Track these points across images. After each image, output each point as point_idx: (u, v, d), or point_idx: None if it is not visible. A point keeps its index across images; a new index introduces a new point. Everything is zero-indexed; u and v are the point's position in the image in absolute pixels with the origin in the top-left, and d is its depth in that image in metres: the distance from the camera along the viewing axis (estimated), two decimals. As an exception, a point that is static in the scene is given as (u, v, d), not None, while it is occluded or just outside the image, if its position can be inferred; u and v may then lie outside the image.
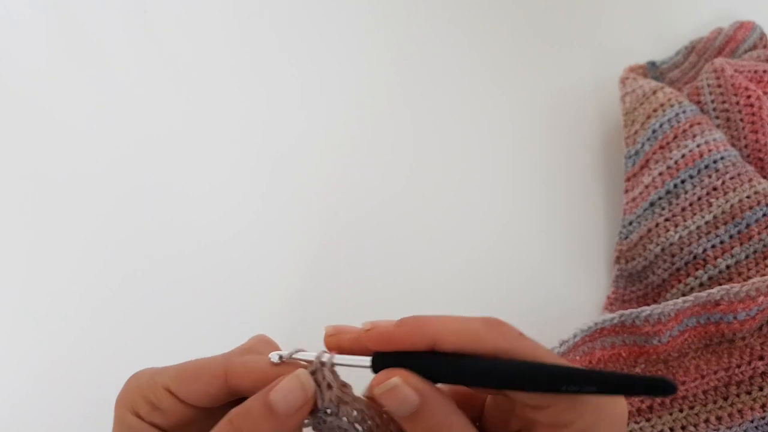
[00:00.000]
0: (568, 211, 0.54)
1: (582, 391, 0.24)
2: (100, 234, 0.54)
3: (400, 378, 0.25)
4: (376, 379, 0.26)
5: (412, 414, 0.25)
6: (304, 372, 0.27)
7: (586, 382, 0.24)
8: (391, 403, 0.26)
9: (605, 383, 0.24)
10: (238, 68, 0.62)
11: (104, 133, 0.59)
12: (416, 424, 0.26)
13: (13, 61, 0.62)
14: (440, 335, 0.26)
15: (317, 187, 0.56)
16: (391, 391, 0.25)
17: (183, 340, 0.48)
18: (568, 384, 0.24)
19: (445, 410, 0.26)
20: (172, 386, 0.28)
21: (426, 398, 0.25)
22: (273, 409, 0.26)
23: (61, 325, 0.50)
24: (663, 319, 0.39)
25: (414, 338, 0.26)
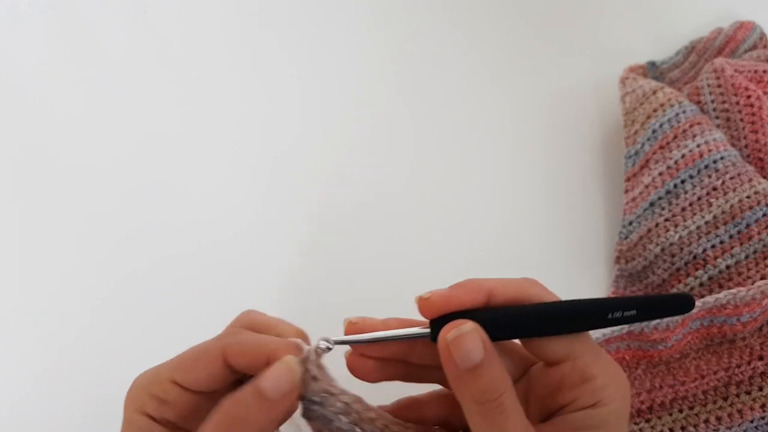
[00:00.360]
0: (568, 211, 0.54)
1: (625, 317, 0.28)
2: (99, 233, 0.54)
3: (474, 324, 0.27)
4: (447, 327, 0.27)
5: (474, 367, 0.26)
6: (292, 358, 0.28)
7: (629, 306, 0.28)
8: (458, 351, 0.26)
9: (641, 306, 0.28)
10: (238, 68, 0.62)
11: (104, 133, 0.59)
12: (477, 378, 0.26)
13: (13, 60, 0.62)
14: (494, 288, 0.28)
15: (317, 186, 0.56)
16: (463, 338, 0.26)
17: (183, 339, 0.48)
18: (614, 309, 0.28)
19: (504, 372, 0.27)
20: (176, 376, 0.29)
21: (489, 353, 0.26)
22: (263, 394, 0.27)
23: (60, 324, 0.50)
24: (671, 326, 0.39)
25: (473, 293, 0.28)
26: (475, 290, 0.28)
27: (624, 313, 0.28)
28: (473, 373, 0.26)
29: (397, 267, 0.52)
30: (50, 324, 0.50)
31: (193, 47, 0.63)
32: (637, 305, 0.28)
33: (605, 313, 0.28)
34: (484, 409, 0.26)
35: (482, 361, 0.26)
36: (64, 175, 0.57)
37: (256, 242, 0.53)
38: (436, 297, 0.28)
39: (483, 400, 0.26)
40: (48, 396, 0.48)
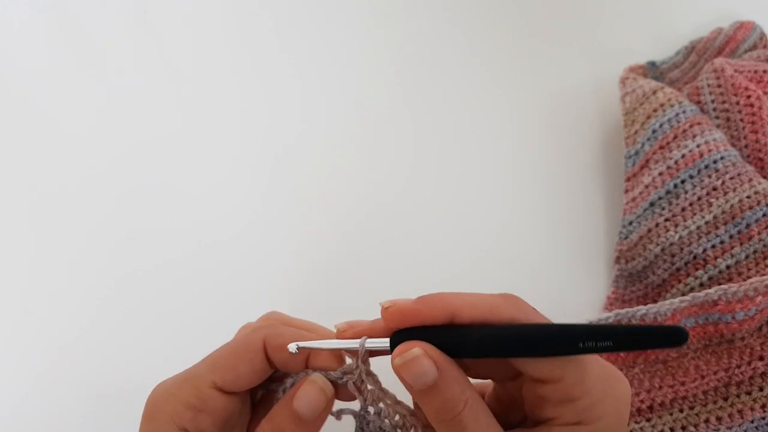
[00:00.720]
0: (568, 211, 0.54)
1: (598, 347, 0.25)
2: (100, 234, 0.54)
3: (420, 348, 0.26)
4: (396, 351, 0.26)
5: (429, 387, 0.26)
6: (320, 376, 0.28)
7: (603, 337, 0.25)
8: (409, 375, 0.26)
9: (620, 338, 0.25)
10: (238, 68, 0.62)
11: (104, 134, 0.59)
12: (432, 398, 0.26)
13: (13, 61, 0.62)
14: (459, 308, 0.26)
15: (317, 187, 0.56)
16: (411, 362, 0.26)
17: (183, 340, 0.48)
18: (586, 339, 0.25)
19: (462, 384, 0.26)
20: (217, 379, 0.28)
21: (444, 372, 0.26)
22: (300, 417, 0.27)
23: (61, 325, 0.50)
24: (659, 319, 0.39)
25: (434, 311, 0.26)
26: (438, 308, 0.26)
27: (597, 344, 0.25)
28: (427, 393, 0.26)
29: (396, 266, 0.52)
30: (51, 324, 0.50)
31: (193, 47, 0.63)
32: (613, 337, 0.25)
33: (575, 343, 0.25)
34: (444, 427, 0.26)
35: (435, 382, 0.26)
36: (64, 175, 0.57)
37: (257, 242, 0.53)
38: (395, 311, 0.27)
39: (440, 418, 0.26)
40: (48, 396, 0.48)
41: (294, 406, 0.27)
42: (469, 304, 0.26)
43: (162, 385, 0.29)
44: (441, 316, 0.26)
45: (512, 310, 0.27)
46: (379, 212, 0.54)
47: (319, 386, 0.28)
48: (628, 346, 0.26)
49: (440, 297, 0.27)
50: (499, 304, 0.27)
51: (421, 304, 0.27)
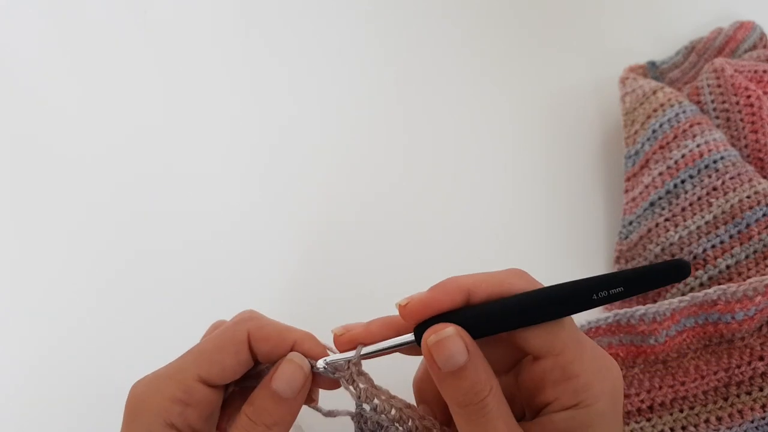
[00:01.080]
0: (568, 211, 0.54)
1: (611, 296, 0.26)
2: (94, 227, 0.54)
3: (454, 329, 0.26)
4: (429, 331, 0.26)
5: (458, 369, 0.26)
6: (297, 354, 0.28)
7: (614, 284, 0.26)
8: (441, 355, 0.26)
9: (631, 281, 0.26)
10: (237, 68, 0.62)
11: (104, 133, 0.59)
12: (461, 381, 0.26)
13: (13, 61, 0.62)
14: (473, 285, 0.27)
15: (316, 185, 0.56)
16: (444, 342, 0.26)
17: (176, 334, 0.48)
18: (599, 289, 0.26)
19: (489, 371, 0.26)
20: (202, 372, 0.28)
21: (473, 355, 0.26)
22: (280, 396, 0.27)
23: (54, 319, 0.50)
24: (658, 318, 0.39)
25: (451, 294, 0.27)
26: (454, 291, 0.27)
27: (610, 292, 0.26)
28: (456, 376, 0.26)
29: (396, 266, 0.52)
30: (44, 319, 0.50)
31: (192, 48, 0.63)
32: (624, 281, 0.26)
33: (589, 294, 0.26)
34: (468, 412, 0.26)
35: (465, 364, 0.26)
36: (65, 173, 0.57)
37: (252, 239, 0.53)
38: (415, 303, 0.27)
39: (466, 402, 0.26)
40: (40, 390, 0.48)
41: (272, 386, 0.27)
42: (481, 280, 0.27)
43: (143, 381, 0.29)
44: (459, 297, 0.27)
45: (522, 282, 0.28)
46: (379, 212, 0.54)
47: (297, 364, 0.28)
48: (639, 288, 0.27)
49: (453, 280, 0.27)
50: (509, 277, 0.28)
51: (437, 290, 0.27)
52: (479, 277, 0.28)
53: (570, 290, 0.27)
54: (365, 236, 0.53)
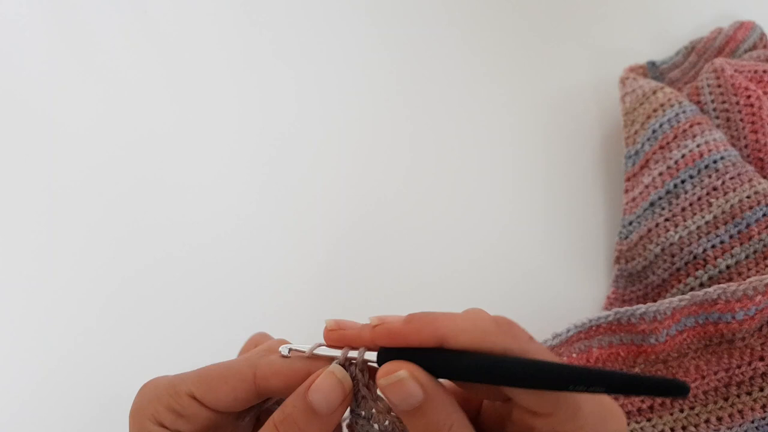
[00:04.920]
0: (568, 211, 0.54)
1: (589, 390, 0.24)
2: (101, 233, 0.54)
3: (407, 371, 0.25)
4: (381, 371, 0.25)
5: (414, 409, 0.25)
6: (339, 368, 0.27)
7: (595, 383, 0.23)
8: (394, 396, 0.25)
9: (615, 383, 0.24)
10: (238, 69, 0.62)
11: (104, 134, 0.58)
12: (418, 420, 0.25)
13: (13, 61, 0.62)
14: (449, 333, 0.25)
15: (316, 189, 0.56)
16: (396, 384, 0.25)
17: (185, 338, 0.48)
18: (576, 384, 0.24)
19: (448, 408, 0.26)
20: (196, 393, 0.28)
21: (429, 394, 0.25)
22: (315, 410, 0.26)
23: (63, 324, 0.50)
24: (659, 317, 0.39)
25: (422, 335, 0.25)
26: (427, 332, 0.25)
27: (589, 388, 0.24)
28: (413, 415, 0.25)
29: (396, 266, 0.52)
30: (52, 325, 0.50)
31: (192, 48, 0.63)
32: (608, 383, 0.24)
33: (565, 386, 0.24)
34: None
35: (422, 404, 0.25)
36: (65, 174, 0.57)
37: (258, 243, 0.53)
38: (383, 329, 0.26)
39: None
40: (51, 396, 0.48)
41: (309, 398, 0.26)
42: (461, 329, 0.25)
43: (151, 382, 0.29)
44: (430, 339, 0.25)
45: (505, 339, 0.25)
46: (380, 212, 0.54)
47: (338, 378, 0.27)
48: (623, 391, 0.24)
49: (431, 320, 0.26)
50: (491, 331, 0.25)
51: (411, 326, 0.26)
52: (460, 323, 0.25)
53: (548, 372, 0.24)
54: (367, 237, 0.53)
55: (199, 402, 0.28)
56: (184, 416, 0.28)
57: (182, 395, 0.28)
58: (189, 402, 0.28)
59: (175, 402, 0.27)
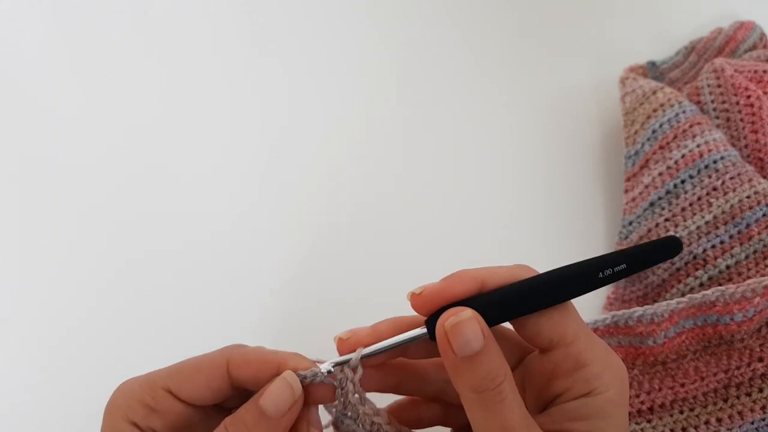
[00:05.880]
0: (568, 211, 0.54)
1: (615, 275, 0.28)
2: (94, 227, 0.54)
3: (471, 312, 0.26)
4: (447, 313, 0.26)
5: (474, 354, 0.26)
6: (290, 373, 0.28)
7: (617, 263, 0.28)
8: (458, 339, 0.26)
9: (632, 258, 0.28)
10: (237, 68, 0.62)
11: (104, 133, 0.58)
12: (477, 366, 0.26)
13: (12, 61, 0.62)
14: (487, 274, 0.27)
15: (316, 189, 0.56)
16: (461, 326, 0.26)
17: (175, 337, 0.48)
18: (604, 268, 0.28)
19: (503, 358, 0.26)
20: (171, 385, 0.28)
21: (489, 340, 0.26)
22: (264, 413, 0.27)
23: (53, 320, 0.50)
24: (656, 320, 0.39)
25: (465, 283, 0.27)
26: (467, 281, 0.27)
27: (614, 270, 0.28)
28: (472, 361, 0.26)
29: (395, 267, 0.52)
30: (43, 320, 0.50)
31: (193, 48, 0.63)
32: (625, 258, 0.28)
33: (596, 273, 0.28)
34: (483, 399, 0.26)
35: (482, 349, 0.26)
36: (65, 173, 0.57)
37: (253, 240, 0.53)
38: (429, 291, 0.27)
39: (482, 388, 0.26)
40: (42, 392, 0.48)
41: (259, 402, 0.27)
42: (494, 272, 0.28)
43: (129, 380, 0.29)
44: (473, 286, 0.27)
45: (531, 271, 0.28)
46: (379, 212, 0.54)
47: (287, 382, 0.27)
48: (640, 264, 0.29)
49: (465, 270, 0.28)
50: (520, 271, 0.28)
51: (452, 279, 0.27)
52: (492, 269, 0.28)
53: (578, 270, 0.28)
54: (367, 236, 0.53)
55: (173, 395, 0.28)
56: (158, 411, 0.28)
57: (157, 389, 0.28)
58: (163, 395, 0.28)
59: (149, 396, 0.28)
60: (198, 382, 0.28)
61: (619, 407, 0.27)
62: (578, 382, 0.27)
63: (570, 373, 0.27)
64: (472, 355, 0.25)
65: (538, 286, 0.27)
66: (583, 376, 0.27)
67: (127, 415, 0.28)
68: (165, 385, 0.28)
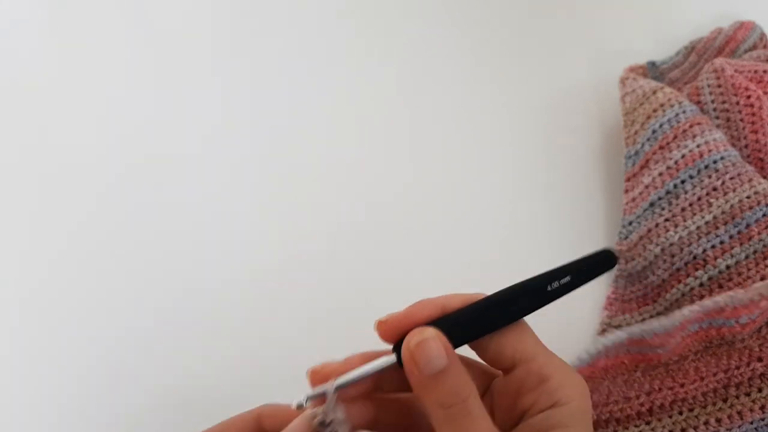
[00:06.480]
0: (568, 212, 0.54)
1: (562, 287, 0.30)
2: (92, 228, 0.54)
3: (434, 331, 0.27)
4: (411, 333, 0.28)
5: (439, 372, 0.27)
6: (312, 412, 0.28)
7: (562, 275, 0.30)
8: (422, 357, 0.27)
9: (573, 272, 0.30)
10: (238, 69, 0.62)
11: (105, 134, 0.58)
12: (442, 383, 0.27)
13: (11, 60, 0.62)
14: (446, 300, 0.29)
15: (315, 190, 0.56)
16: (424, 344, 0.27)
17: (174, 337, 0.48)
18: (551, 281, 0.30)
19: (467, 376, 0.28)
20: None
21: (452, 358, 0.27)
22: None
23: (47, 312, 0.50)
24: (670, 330, 0.39)
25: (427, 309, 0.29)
26: (429, 307, 0.29)
27: (560, 282, 0.30)
28: (437, 379, 0.27)
29: (395, 268, 0.52)
30: (37, 312, 0.50)
31: (193, 48, 0.63)
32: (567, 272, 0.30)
33: (544, 287, 0.30)
34: (450, 414, 0.27)
35: (446, 367, 0.27)
36: (65, 174, 0.57)
37: (254, 244, 0.53)
38: (393, 318, 0.29)
39: (448, 404, 0.27)
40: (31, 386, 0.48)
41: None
42: (452, 297, 0.30)
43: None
44: (434, 313, 0.29)
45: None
46: (377, 213, 0.54)
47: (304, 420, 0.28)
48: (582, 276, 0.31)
49: (427, 299, 0.29)
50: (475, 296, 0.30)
51: (414, 306, 0.29)
52: (450, 295, 0.30)
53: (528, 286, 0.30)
54: (365, 237, 0.53)
55: None
56: None
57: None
58: None
59: None
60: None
61: (583, 418, 0.29)
62: (542, 396, 0.28)
63: (534, 388, 0.29)
64: (438, 373, 0.27)
65: (491, 304, 0.29)
66: (547, 389, 0.28)
67: None
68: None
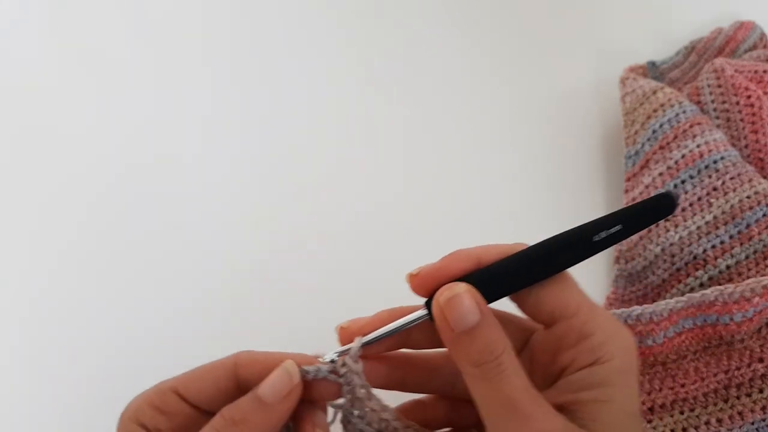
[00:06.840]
0: (568, 212, 0.54)
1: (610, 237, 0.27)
2: (91, 228, 0.54)
3: (465, 286, 0.26)
4: (441, 289, 0.27)
5: (471, 328, 0.26)
6: (290, 362, 0.28)
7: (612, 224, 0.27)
8: (453, 313, 0.26)
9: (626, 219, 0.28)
10: (238, 70, 0.62)
11: (101, 130, 0.58)
12: (474, 340, 0.26)
13: (10, 60, 0.62)
14: (482, 251, 0.28)
15: (315, 190, 0.56)
16: (456, 300, 0.26)
17: (175, 337, 0.48)
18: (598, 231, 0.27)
19: (501, 331, 0.27)
20: (180, 387, 0.28)
21: (485, 314, 0.26)
22: (261, 399, 0.27)
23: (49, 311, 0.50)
24: (655, 319, 0.39)
25: (462, 261, 0.28)
26: (464, 258, 0.28)
27: (609, 231, 0.27)
28: (469, 335, 0.26)
29: (395, 268, 0.52)
30: (39, 311, 0.50)
31: (192, 49, 0.63)
32: (619, 219, 0.27)
33: (590, 237, 0.27)
34: (483, 371, 0.26)
35: (478, 322, 0.26)
36: (65, 173, 0.56)
37: (250, 244, 0.53)
38: (426, 271, 0.28)
39: (481, 361, 0.26)
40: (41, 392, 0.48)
41: (257, 390, 0.27)
42: (489, 249, 0.28)
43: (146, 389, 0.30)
44: (469, 264, 0.28)
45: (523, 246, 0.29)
46: (377, 213, 0.54)
47: (285, 369, 0.27)
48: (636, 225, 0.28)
49: (461, 250, 0.28)
50: (514, 247, 0.29)
51: (448, 258, 0.28)
52: (487, 246, 0.29)
53: (572, 236, 0.28)
54: (365, 237, 0.53)
55: (181, 397, 0.28)
56: (165, 413, 0.28)
57: (166, 391, 0.28)
58: (171, 397, 0.28)
59: (158, 398, 0.28)
60: (205, 382, 0.28)
61: (626, 375, 0.27)
62: (583, 353, 0.27)
63: (574, 345, 0.27)
64: (470, 329, 0.26)
65: (532, 256, 0.28)
66: (587, 346, 0.27)
67: (137, 417, 0.28)
68: (173, 386, 0.28)
